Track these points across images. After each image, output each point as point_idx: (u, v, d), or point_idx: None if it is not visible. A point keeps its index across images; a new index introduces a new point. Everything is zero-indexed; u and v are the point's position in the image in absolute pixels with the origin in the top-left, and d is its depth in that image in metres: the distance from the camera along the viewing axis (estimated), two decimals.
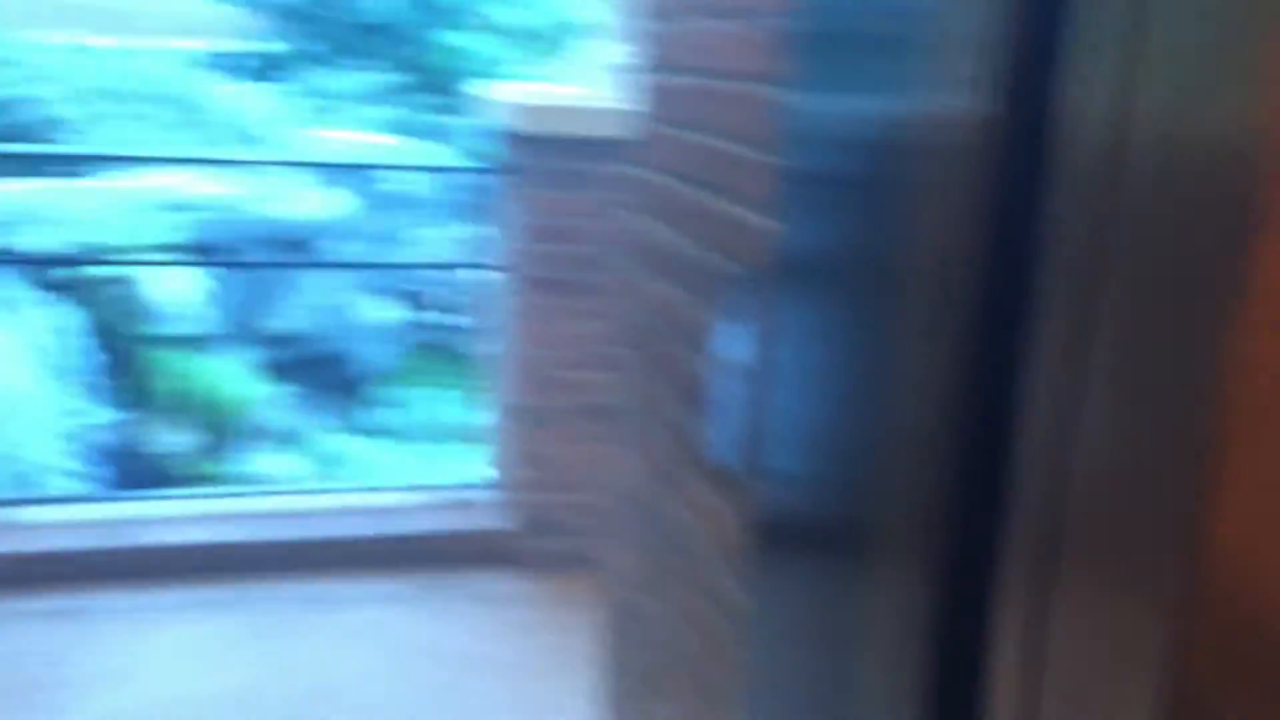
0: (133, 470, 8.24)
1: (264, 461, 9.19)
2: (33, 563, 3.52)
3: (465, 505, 4.03)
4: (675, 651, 1.80)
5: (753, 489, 1.45)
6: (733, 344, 1.56)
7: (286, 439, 9.24)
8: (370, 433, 9.15)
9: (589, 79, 3.75)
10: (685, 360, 1.80)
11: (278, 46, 16.50)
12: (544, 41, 16.74)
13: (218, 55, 15.90)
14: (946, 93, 0.89)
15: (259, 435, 9.40)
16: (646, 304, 2.02)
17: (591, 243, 3.65)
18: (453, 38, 16.09)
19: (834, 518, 1.14)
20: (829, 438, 1.16)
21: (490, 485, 4.11)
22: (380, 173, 8.38)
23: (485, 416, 4.37)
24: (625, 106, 2.14)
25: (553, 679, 3.15)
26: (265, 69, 15.00)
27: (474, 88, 4.47)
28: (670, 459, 1.88)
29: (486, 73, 15.49)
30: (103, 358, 8.03)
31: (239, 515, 3.84)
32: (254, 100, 12.22)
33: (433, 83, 15.57)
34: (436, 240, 8.61)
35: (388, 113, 13.75)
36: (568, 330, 3.77)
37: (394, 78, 15.02)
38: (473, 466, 4.33)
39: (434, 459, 8.37)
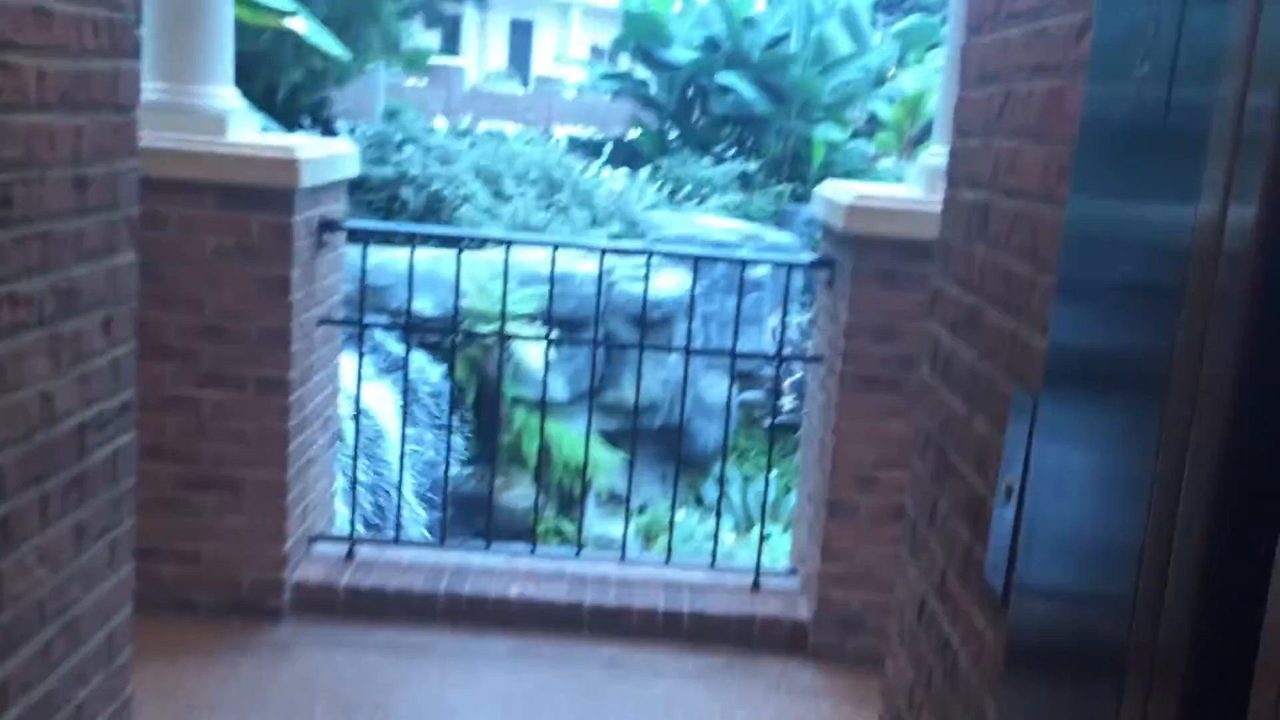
0: (481, 522, 8.97)
1: (600, 524, 9.71)
2: (385, 599, 3.95)
3: (770, 591, 4.11)
4: None
5: (1013, 611, 1.45)
6: (1007, 461, 1.57)
7: (622, 505, 9.71)
8: (697, 506, 9.42)
9: (926, 180, 3.79)
10: (966, 473, 1.81)
11: (645, 134, 17.57)
12: (898, 136, 16.75)
13: (593, 141, 17.16)
14: (1224, 199, 0.89)
15: (600, 499, 9.94)
16: (936, 412, 2.04)
17: (911, 343, 3.66)
18: (811, 129, 16.47)
19: (1090, 639, 1.14)
20: (1091, 554, 1.15)
21: (795, 574, 4.16)
22: (724, 257, 8.73)
23: (798, 505, 4.44)
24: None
25: None
26: (633, 155, 16.01)
27: (818, 182, 4.62)
28: (949, 572, 1.88)
29: (837, 165, 15.71)
30: (466, 413, 8.82)
31: (564, 575, 4.11)
32: (621, 182, 13.09)
33: (786, 172, 15.99)
34: (772, 325, 8.82)
35: (739, 198, 14.25)
36: (882, 428, 3.78)
37: (749, 166, 15.57)
38: (781, 552, 4.40)
39: (747, 539, 8.50)
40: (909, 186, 4.05)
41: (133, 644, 2.17)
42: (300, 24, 9.99)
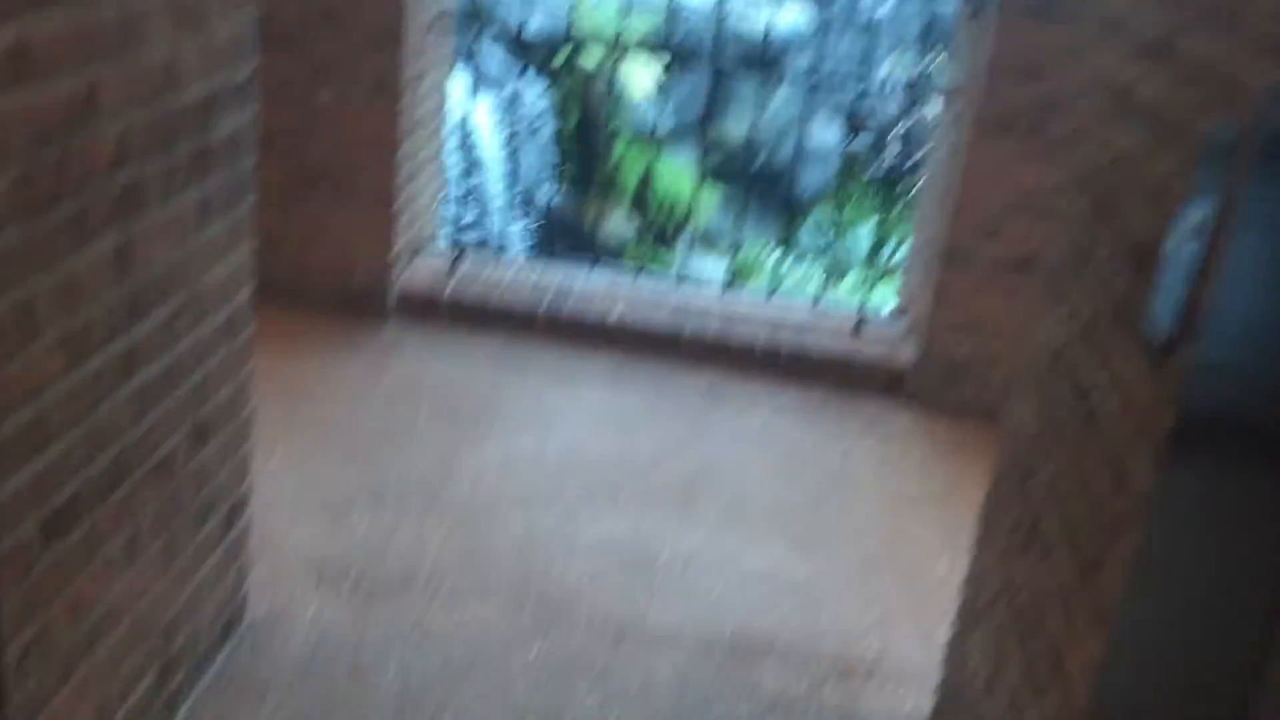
0: (578, 245, 8.99)
1: (694, 258, 9.67)
2: (487, 311, 3.98)
3: (873, 335, 4.05)
4: (1056, 513, 1.75)
5: (1187, 369, 1.35)
6: (1197, 208, 1.43)
7: (719, 241, 9.62)
8: (797, 249, 9.30)
9: None
10: (1134, 214, 1.67)
11: None
12: None
13: None
14: None
15: (696, 233, 9.86)
16: (1104, 151, 1.88)
17: (1059, 84, 3.41)
18: None
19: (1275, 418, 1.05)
20: None
21: (900, 320, 4.08)
22: None
23: (909, 251, 4.31)
24: None
25: (923, 513, 3.17)
26: None
27: None
28: (1100, 319, 1.78)
29: None
30: (569, 137, 8.67)
31: (665, 303, 4.09)
32: None
33: None
34: (894, 67, 8.38)
35: None
36: (1014, 175, 3.58)
37: None
38: (888, 298, 4.29)
39: (850, 284, 8.40)
40: None
41: (253, 324, 2.19)
42: None
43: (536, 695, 2.33)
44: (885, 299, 4.13)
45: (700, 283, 4.23)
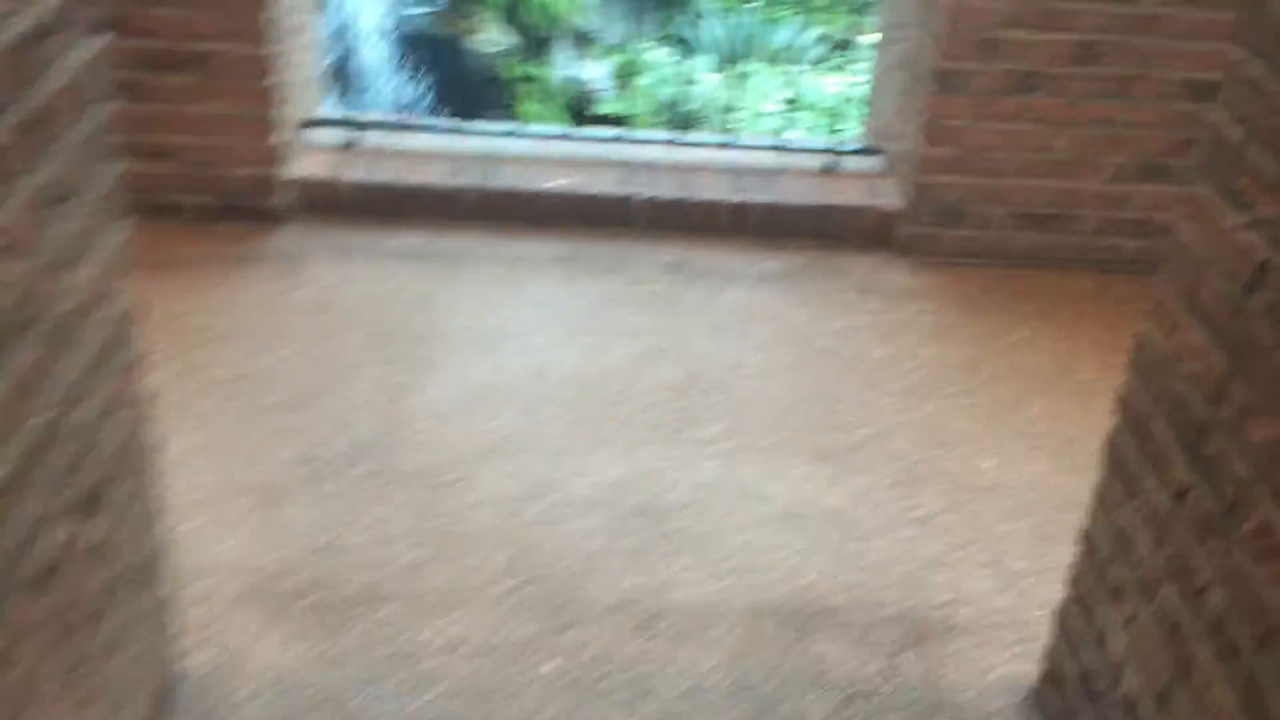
0: (454, 70, 8.16)
1: (582, 67, 8.89)
2: (401, 196, 3.34)
3: (849, 175, 3.53)
4: None
5: None
6: None
7: (593, 46, 8.85)
8: (675, 45, 8.58)
9: None
10: None
11: None
12: None
13: None
14: None
15: (580, 41, 9.03)
16: None
17: None
18: None
19: None
20: None
21: (879, 157, 3.56)
22: None
23: (880, 68, 3.74)
24: None
25: (949, 394, 2.76)
26: None
27: None
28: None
29: None
30: None
31: (609, 162, 3.49)
32: None
33: None
34: None
35: None
36: None
37: None
38: (855, 128, 3.75)
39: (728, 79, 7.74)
40: None
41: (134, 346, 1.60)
42: None
43: None
44: (861, 130, 3.59)
45: (642, 137, 3.62)
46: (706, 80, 7.97)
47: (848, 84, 7.43)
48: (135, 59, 3.08)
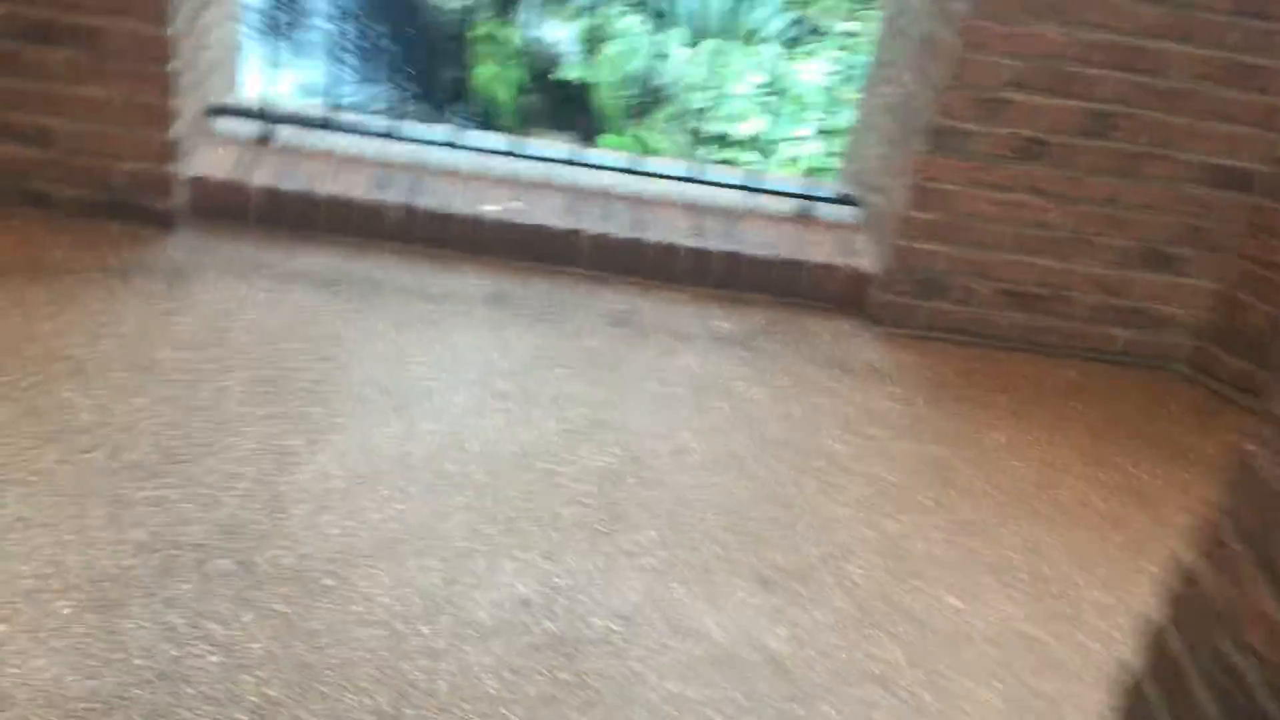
0: (411, 25, 7.67)
1: (548, 28, 8.43)
2: (315, 206, 2.93)
3: (824, 224, 3.18)
4: None
5: None
6: None
7: (562, 5, 8.41)
8: (641, 9, 8.14)
9: None
10: None
11: None
12: None
13: None
14: None
15: (548, 0, 8.59)
16: None
17: None
18: None
19: None
20: None
21: (857, 205, 3.21)
22: None
23: (864, 109, 3.38)
24: None
25: (923, 510, 2.43)
26: None
27: None
28: None
29: None
30: None
31: (556, 186, 3.11)
32: None
33: None
34: None
35: None
36: (1031, 33, 2.67)
37: None
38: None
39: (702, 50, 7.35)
40: None
41: None
42: None
43: None
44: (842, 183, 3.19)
45: (596, 161, 3.22)
46: (678, 54, 7.57)
47: (823, 73, 7.06)
48: (13, 28, 2.62)
